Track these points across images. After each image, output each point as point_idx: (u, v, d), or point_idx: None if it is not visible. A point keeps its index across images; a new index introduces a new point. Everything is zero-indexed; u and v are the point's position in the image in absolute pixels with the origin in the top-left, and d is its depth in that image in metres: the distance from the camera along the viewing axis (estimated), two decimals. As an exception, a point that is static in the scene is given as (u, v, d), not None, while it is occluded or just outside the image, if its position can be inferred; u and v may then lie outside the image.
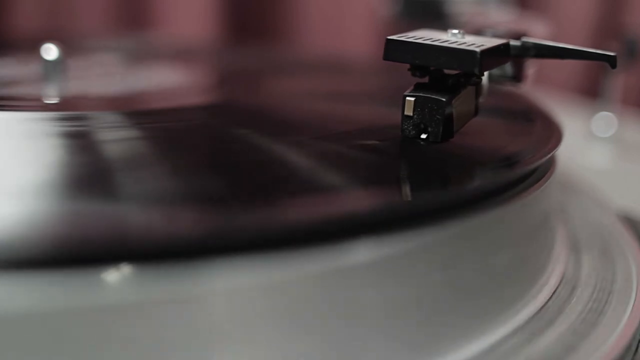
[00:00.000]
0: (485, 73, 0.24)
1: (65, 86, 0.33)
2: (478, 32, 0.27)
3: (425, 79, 0.23)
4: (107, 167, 0.20)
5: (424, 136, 0.22)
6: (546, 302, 0.21)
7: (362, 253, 0.16)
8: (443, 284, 0.18)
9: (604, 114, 0.46)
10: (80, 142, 0.23)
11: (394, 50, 0.22)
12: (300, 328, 0.16)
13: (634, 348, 0.20)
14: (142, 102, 0.32)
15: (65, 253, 0.14)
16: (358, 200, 0.18)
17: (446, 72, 0.23)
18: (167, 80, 0.36)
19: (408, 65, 0.22)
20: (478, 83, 0.23)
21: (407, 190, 0.19)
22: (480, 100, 0.24)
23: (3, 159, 0.20)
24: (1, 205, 0.16)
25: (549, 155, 0.23)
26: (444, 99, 0.22)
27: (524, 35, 0.25)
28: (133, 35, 0.57)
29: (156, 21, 0.67)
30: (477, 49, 0.21)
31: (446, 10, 0.43)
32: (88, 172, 0.19)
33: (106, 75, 0.36)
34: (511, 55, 0.23)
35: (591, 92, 0.62)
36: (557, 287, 0.22)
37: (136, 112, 0.28)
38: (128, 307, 0.14)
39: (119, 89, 0.33)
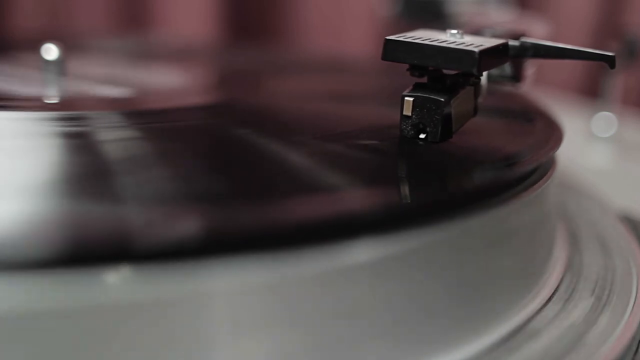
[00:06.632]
0: (484, 73, 0.24)
1: (65, 86, 0.33)
2: (477, 32, 0.27)
3: (424, 79, 0.23)
4: (107, 167, 0.20)
5: (422, 136, 0.22)
6: (546, 302, 0.21)
7: (361, 253, 0.16)
8: (442, 284, 0.18)
9: (604, 114, 0.46)
10: (80, 142, 0.23)
11: (393, 50, 0.22)
12: (299, 328, 0.16)
13: (634, 348, 0.20)
14: (142, 102, 0.32)
15: (65, 253, 0.14)
16: (356, 200, 0.18)
17: (445, 72, 0.23)
18: (167, 80, 0.36)
19: (407, 65, 0.23)
20: (477, 83, 0.23)
21: (405, 190, 0.19)
22: (479, 100, 0.24)
23: (3, 159, 0.20)
24: (1, 206, 0.16)
25: (550, 156, 0.23)
26: (442, 99, 0.22)
27: (523, 35, 0.25)
28: (133, 35, 0.57)
29: (156, 21, 0.67)
30: (476, 49, 0.21)
31: (446, 10, 0.43)
32: (88, 172, 0.19)
33: (106, 75, 0.36)
34: (510, 56, 0.23)
35: (591, 92, 0.62)
36: (557, 287, 0.22)
37: (136, 112, 0.28)
38: (128, 307, 0.14)
39: (118, 89, 0.33)
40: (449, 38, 0.22)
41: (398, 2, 0.46)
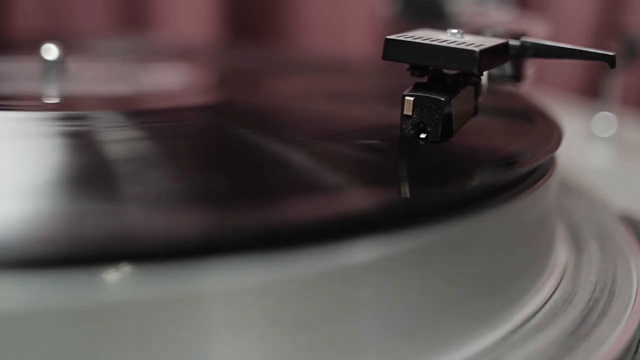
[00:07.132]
0: (485, 73, 0.24)
1: (65, 86, 0.33)
2: (477, 32, 0.27)
3: (425, 79, 0.23)
4: (107, 167, 0.20)
5: (423, 136, 0.22)
6: (546, 302, 0.21)
7: (361, 253, 0.16)
8: (442, 284, 0.18)
9: (604, 114, 0.46)
10: (80, 142, 0.23)
11: (393, 50, 0.22)
12: (299, 328, 0.16)
13: (634, 348, 0.20)
14: (142, 102, 0.32)
15: (65, 253, 0.14)
16: (357, 200, 0.18)
17: (445, 72, 0.23)
18: (167, 80, 0.36)
19: (407, 65, 0.23)
20: (477, 83, 0.23)
21: (406, 190, 0.19)
22: (480, 100, 0.24)
23: (3, 159, 0.20)
24: (1, 205, 0.16)
25: (550, 155, 0.23)
26: (442, 99, 0.22)
27: (524, 35, 0.25)
28: (133, 35, 0.57)
29: (156, 21, 0.67)
30: (476, 49, 0.21)
31: (446, 10, 0.43)
32: (88, 172, 0.19)
33: (106, 75, 0.36)
34: (510, 55, 0.23)
35: (591, 92, 0.62)
36: (557, 287, 0.22)
37: (136, 112, 0.28)
38: (127, 307, 0.14)
39: (119, 89, 0.33)
40: (450, 38, 0.22)
41: (398, 2, 0.46)
